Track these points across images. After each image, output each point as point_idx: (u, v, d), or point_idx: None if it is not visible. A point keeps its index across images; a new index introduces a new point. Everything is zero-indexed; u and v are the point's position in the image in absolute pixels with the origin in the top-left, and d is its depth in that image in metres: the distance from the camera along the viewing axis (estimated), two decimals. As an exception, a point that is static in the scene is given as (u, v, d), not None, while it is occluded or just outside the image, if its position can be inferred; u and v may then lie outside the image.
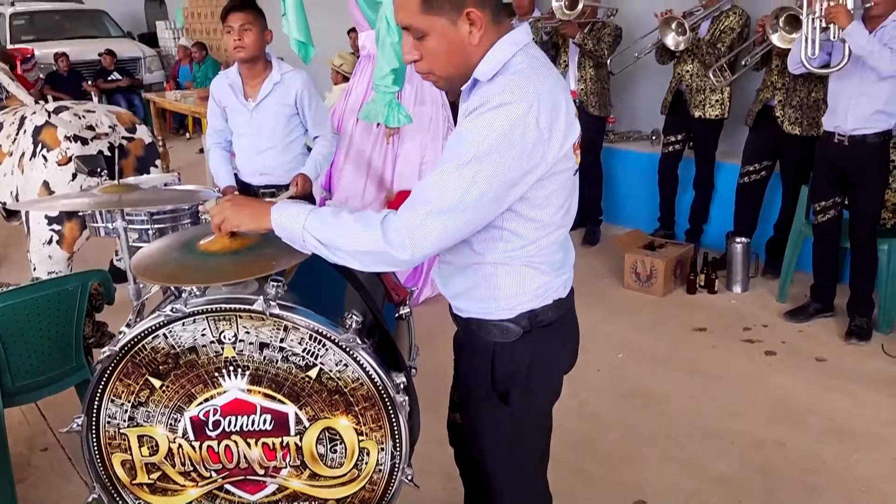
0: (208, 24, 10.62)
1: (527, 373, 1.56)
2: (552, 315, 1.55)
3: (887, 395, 3.14)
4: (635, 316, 4.01)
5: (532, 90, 1.33)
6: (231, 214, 1.52)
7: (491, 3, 1.38)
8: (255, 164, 3.19)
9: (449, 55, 1.40)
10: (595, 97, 4.84)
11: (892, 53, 3.18)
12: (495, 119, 1.31)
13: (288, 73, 3.12)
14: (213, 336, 1.62)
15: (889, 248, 3.64)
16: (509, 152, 1.31)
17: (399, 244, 1.34)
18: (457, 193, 1.32)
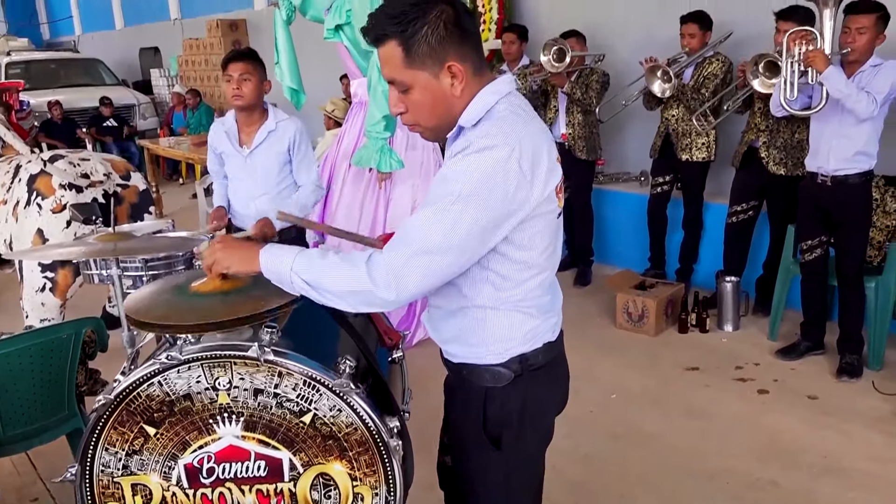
0: (202, 72, 10.78)
1: (518, 417, 1.57)
2: (542, 359, 1.57)
3: (879, 432, 3.15)
4: (628, 356, 4.03)
5: (514, 135, 1.38)
6: (221, 256, 1.56)
7: (471, 56, 1.44)
8: (248, 209, 3.24)
9: (433, 107, 1.45)
10: (583, 142, 4.93)
11: (868, 97, 3.27)
12: (478, 162, 1.35)
13: (283, 121, 3.19)
14: (208, 383, 1.63)
15: (876, 286, 3.68)
16: (492, 194, 1.35)
17: (384, 284, 1.37)
18: (441, 234, 1.35)
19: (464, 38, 1.41)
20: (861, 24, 3.28)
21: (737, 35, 4.48)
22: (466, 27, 1.42)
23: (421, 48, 1.38)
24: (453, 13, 1.39)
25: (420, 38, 1.38)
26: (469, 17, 1.44)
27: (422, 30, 1.37)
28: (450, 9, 1.39)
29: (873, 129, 3.40)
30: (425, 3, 1.38)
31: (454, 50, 1.40)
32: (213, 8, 10.91)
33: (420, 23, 1.37)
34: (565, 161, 5.38)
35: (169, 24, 12.20)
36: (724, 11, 4.56)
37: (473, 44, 1.44)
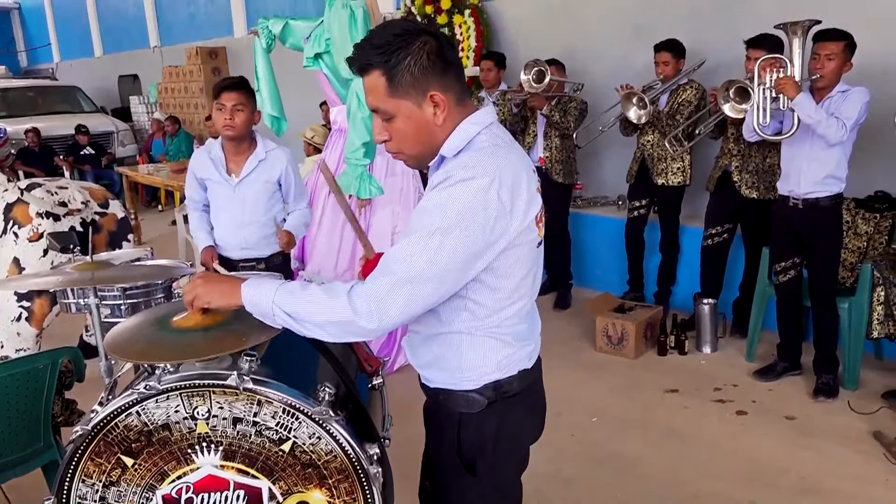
0: (181, 99, 10.79)
1: (493, 443, 1.58)
2: (517, 386, 1.58)
3: (856, 452, 3.18)
4: (608, 379, 4.05)
5: (494, 165, 1.40)
6: (202, 292, 1.56)
7: (454, 86, 1.47)
8: (236, 238, 3.23)
9: (416, 135, 1.47)
10: (560, 165, 5.00)
11: (838, 122, 3.35)
12: (459, 192, 1.37)
13: (272, 150, 3.20)
14: (187, 412, 1.62)
15: (849, 307, 3.75)
16: (473, 224, 1.37)
17: (366, 313, 1.38)
18: (422, 264, 1.37)
19: (446, 68, 1.44)
20: (830, 50, 3.37)
21: (710, 63, 4.58)
22: (449, 58, 1.45)
23: (404, 78, 1.41)
24: (436, 45, 1.43)
25: (403, 68, 1.41)
26: (451, 48, 1.47)
27: (405, 60, 1.41)
28: (433, 40, 1.43)
29: (842, 154, 3.48)
30: (409, 34, 1.42)
31: (437, 80, 1.43)
32: (192, 36, 10.96)
33: (403, 53, 1.40)
34: (543, 184, 5.46)
35: (148, 52, 12.22)
36: (697, 40, 4.66)
37: (455, 74, 1.47)
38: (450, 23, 6.39)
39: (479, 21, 6.15)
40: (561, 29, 5.73)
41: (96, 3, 13.76)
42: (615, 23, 5.41)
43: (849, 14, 3.84)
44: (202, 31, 10.79)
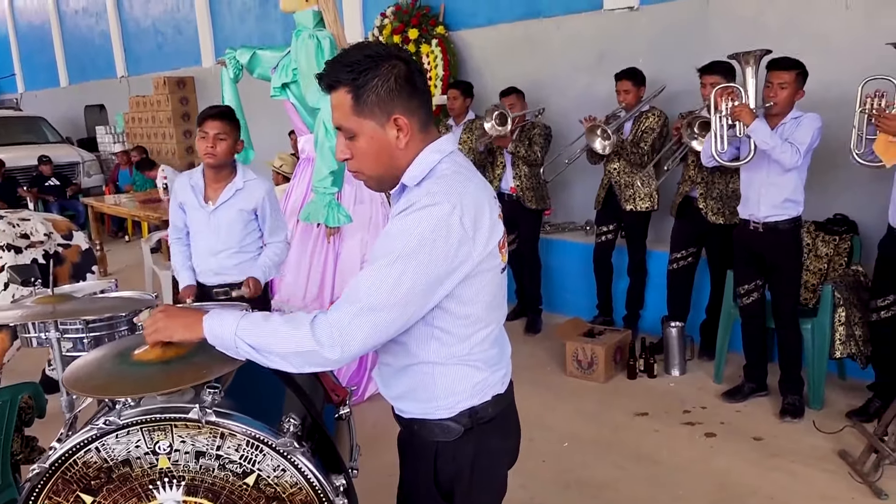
0: (149, 129, 10.71)
1: (470, 471, 1.57)
2: (492, 411, 1.58)
3: (822, 471, 3.22)
4: (578, 403, 4.06)
5: (456, 192, 1.42)
6: (163, 325, 1.54)
7: (419, 112, 1.48)
8: (209, 264, 3.23)
9: (377, 156, 1.48)
10: (531, 192, 5.06)
11: (792, 148, 3.45)
12: (421, 219, 1.38)
13: (251, 180, 3.20)
14: (148, 447, 1.60)
15: (812, 327, 3.81)
16: (435, 250, 1.38)
17: (329, 343, 1.38)
18: (384, 291, 1.37)
19: (413, 93, 1.46)
20: (782, 79, 3.47)
21: (670, 90, 4.69)
22: (417, 84, 1.47)
23: (370, 98, 1.43)
24: (405, 69, 1.45)
25: (370, 88, 1.42)
26: (421, 75, 1.49)
27: (372, 80, 1.42)
28: (402, 64, 1.45)
29: (799, 178, 3.57)
30: (379, 56, 1.44)
31: (402, 104, 1.44)
32: (160, 65, 10.93)
33: (372, 74, 1.42)
34: (515, 211, 5.51)
35: (115, 82, 12.14)
36: (658, 69, 4.77)
37: (422, 101, 1.49)
38: (417, 52, 6.46)
39: (447, 51, 6.23)
40: (526, 58, 5.83)
41: (62, 34, 13.66)
42: (578, 53, 5.52)
43: (800, 44, 3.97)
44: (170, 61, 10.77)
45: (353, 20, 7.34)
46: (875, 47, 3.66)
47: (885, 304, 3.52)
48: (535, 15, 5.81)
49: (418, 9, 6.46)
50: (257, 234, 3.29)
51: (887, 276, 3.50)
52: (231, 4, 9.49)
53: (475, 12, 6.25)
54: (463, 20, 6.34)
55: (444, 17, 6.41)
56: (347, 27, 7.08)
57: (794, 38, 4.16)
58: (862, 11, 4.13)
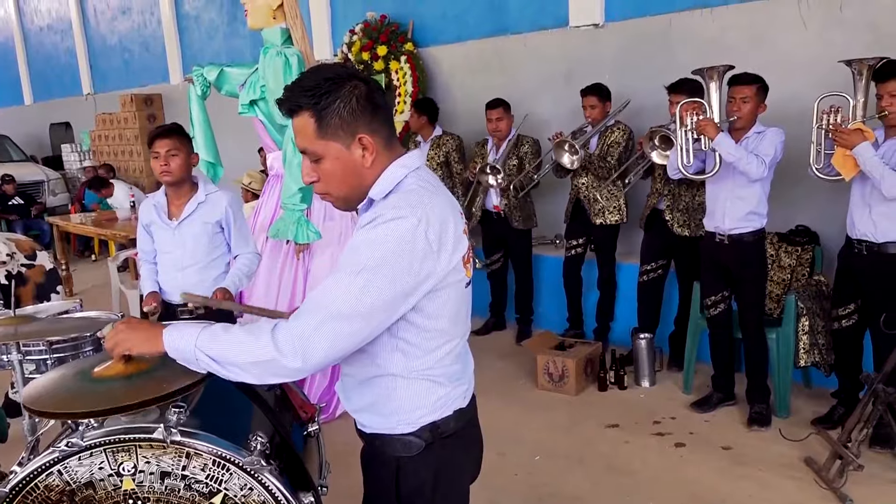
0: (115, 146, 10.59)
1: (432, 486, 1.57)
2: (454, 426, 1.58)
3: (789, 479, 3.27)
4: (550, 416, 4.08)
5: (421, 206, 1.43)
6: (123, 338, 1.53)
7: (382, 129, 1.49)
8: (176, 281, 3.20)
9: (343, 177, 1.49)
10: (518, 212, 5.09)
11: (758, 159, 3.52)
12: (387, 232, 1.39)
13: (213, 193, 3.22)
14: (112, 468, 1.58)
15: (777, 337, 3.88)
16: (400, 263, 1.38)
17: (290, 352, 1.37)
18: (348, 301, 1.37)
19: (375, 112, 1.47)
20: (744, 93, 3.56)
21: (635, 105, 4.77)
22: (378, 102, 1.48)
23: (333, 120, 1.44)
24: (366, 89, 1.47)
25: (332, 110, 1.43)
26: (381, 93, 1.51)
27: (334, 103, 1.43)
28: (363, 84, 1.47)
29: (762, 191, 3.65)
30: (339, 78, 1.45)
31: (365, 123, 1.46)
32: (127, 83, 10.83)
33: (333, 96, 1.43)
34: (503, 230, 5.56)
35: (81, 99, 12.00)
36: (624, 85, 4.85)
37: (384, 118, 1.51)
38: (386, 69, 6.49)
39: (415, 67, 6.27)
40: (494, 75, 5.89)
41: (26, 51, 13.48)
42: (546, 70, 5.59)
43: (761, 61, 4.06)
44: (137, 78, 10.68)
45: (321, 37, 7.37)
46: (831, 64, 3.77)
47: (846, 312, 3.60)
48: (502, 32, 5.88)
49: (387, 25, 6.50)
50: (224, 249, 3.27)
51: (847, 286, 3.58)
52: (199, 21, 9.46)
53: (444, 29, 6.31)
54: (431, 37, 6.40)
55: (412, 33, 6.45)
56: (316, 44, 7.12)
57: (756, 56, 4.26)
58: (818, 30, 4.26)
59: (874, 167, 3.22)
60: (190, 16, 9.59)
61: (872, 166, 3.22)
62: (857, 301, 3.56)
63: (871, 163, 3.23)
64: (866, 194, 3.38)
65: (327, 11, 7.38)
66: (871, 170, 3.23)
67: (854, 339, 3.63)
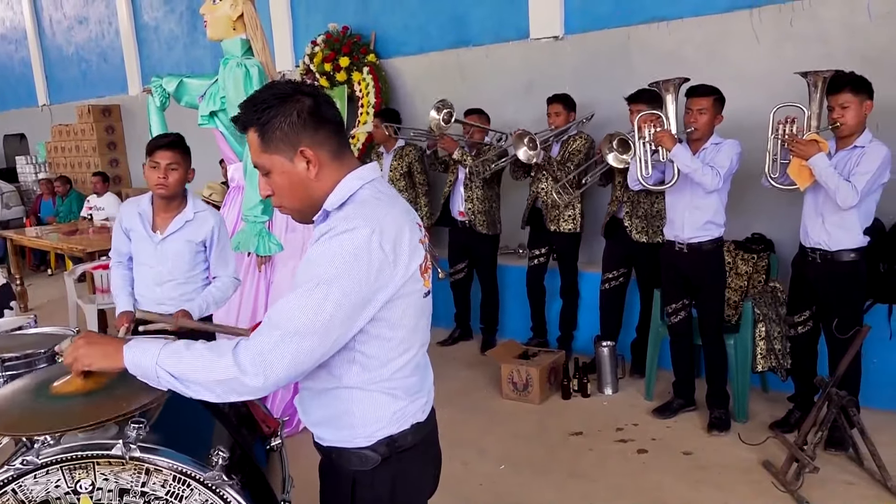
0: (72, 158, 10.39)
1: (389, 500, 1.57)
2: (412, 439, 1.58)
3: (748, 482, 3.33)
4: (514, 425, 4.09)
5: (375, 217, 1.44)
6: (83, 353, 1.50)
7: (327, 142, 1.51)
8: (153, 294, 3.13)
9: (291, 189, 1.52)
10: (483, 216, 5.12)
11: (713, 171, 3.60)
12: (341, 244, 1.40)
13: (202, 212, 3.13)
14: (69, 486, 1.55)
15: (735, 343, 3.96)
16: (356, 275, 1.39)
17: (252, 370, 1.36)
18: (307, 317, 1.37)
19: (319, 125, 1.49)
20: (701, 105, 3.64)
21: (598, 117, 4.85)
22: (324, 116, 1.50)
23: (275, 134, 1.47)
24: (311, 103, 1.49)
25: (274, 125, 1.47)
26: (329, 107, 1.52)
27: (276, 118, 1.47)
28: (307, 99, 1.49)
29: (720, 201, 3.73)
30: (285, 94, 1.48)
31: (307, 136, 1.48)
32: (84, 93, 10.64)
33: (275, 111, 1.47)
34: (468, 237, 5.58)
35: (37, 110, 11.75)
36: (585, 96, 4.93)
37: (330, 131, 1.52)
38: (349, 80, 6.49)
39: (378, 78, 6.28)
40: (457, 85, 5.93)
41: (-21, 62, 13.18)
42: (508, 80, 5.65)
43: (716, 74, 4.17)
44: (95, 89, 10.50)
45: (283, 48, 7.34)
46: (783, 77, 3.89)
47: (801, 319, 3.69)
48: (464, 43, 5.93)
49: (349, 37, 6.51)
50: (204, 266, 3.20)
51: (802, 293, 3.68)
52: (158, 32, 9.34)
53: (406, 41, 6.34)
54: (394, 48, 6.42)
55: (374, 45, 6.47)
56: (278, 55, 7.09)
57: (711, 68, 4.37)
58: (771, 44, 4.38)
59: (829, 177, 3.30)
60: (149, 26, 9.47)
61: (827, 176, 3.31)
62: (812, 308, 3.65)
63: (826, 173, 3.31)
64: (819, 204, 3.47)
65: (289, 22, 7.35)
66: (826, 180, 3.32)
67: (809, 345, 3.72)
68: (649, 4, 4.88)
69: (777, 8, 4.33)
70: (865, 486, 3.22)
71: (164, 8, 9.16)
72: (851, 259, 3.44)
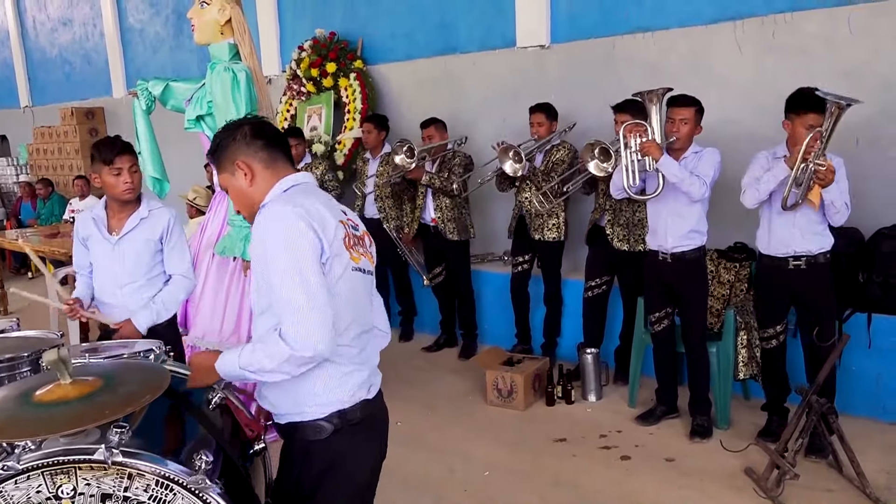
0: (54, 160, 10.29)
1: (339, 466, 1.78)
2: (360, 415, 1.81)
3: (730, 488, 3.36)
4: (499, 431, 4.10)
5: (293, 201, 1.73)
6: (202, 377, 1.82)
7: (261, 153, 1.82)
8: (114, 298, 3.10)
9: (239, 199, 1.87)
10: (453, 223, 5.13)
11: (699, 180, 3.64)
12: (278, 228, 1.69)
13: (157, 209, 3.13)
14: (50, 492, 1.53)
15: (717, 351, 4.00)
16: (302, 244, 1.67)
17: (300, 346, 1.64)
18: (301, 291, 1.64)
19: (254, 141, 1.82)
20: (683, 115, 3.68)
21: (581, 126, 4.88)
22: (262, 134, 1.83)
23: (221, 156, 1.84)
24: (250, 129, 1.83)
25: (220, 149, 1.84)
26: (264, 129, 1.85)
27: (221, 143, 1.84)
28: (248, 127, 1.84)
29: (702, 209, 3.77)
30: (231, 126, 1.86)
31: (243, 151, 1.82)
32: (67, 95, 10.55)
33: (220, 138, 1.85)
34: (440, 242, 5.60)
35: (18, 112, 11.63)
36: (568, 106, 4.97)
37: (265, 144, 1.83)
38: (336, 86, 6.49)
39: (365, 84, 6.28)
40: (443, 93, 5.95)
41: (-40, 62, 13.04)
42: (494, 89, 5.68)
43: (700, 84, 4.22)
44: (78, 91, 10.41)
45: (270, 53, 7.33)
46: (765, 88, 3.94)
47: (767, 336, 3.73)
48: (451, 51, 5.95)
49: (336, 43, 6.51)
50: (163, 268, 3.20)
51: (769, 306, 3.72)
52: (144, 35, 9.29)
53: (393, 47, 6.36)
54: (381, 55, 6.43)
55: (361, 51, 6.48)
56: (265, 60, 7.07)
57: (695, 79, 4.42)
58: (753, 56, 4.44)
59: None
60: (134, 29, 9.41)
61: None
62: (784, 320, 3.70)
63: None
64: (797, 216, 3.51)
65: (276, 27, 7.35)
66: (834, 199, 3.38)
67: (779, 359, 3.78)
68: (635, 15, 4.93)
69: (760, 20, 4.39)
70: (845, 492, 3.26)
71: (150, 10, 9.11)
72: (827, 260, 3.55)
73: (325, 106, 6.62)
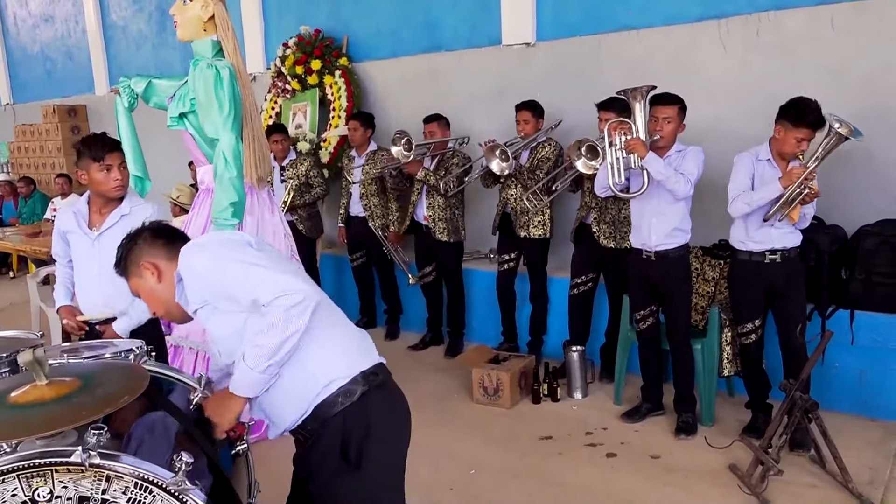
0: (36, 159, 10.18)
1: (380, 423, 1.80)
2: (381, 377, 1.86)
3: (715, 485, 3.37)
4: (485, 430, 4.10)
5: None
6: (217, 421, 1.79)
7: (163, 251, 1.90)
8: (94, 295, 3.09)
9: (153, 300, 1.92)
10: (444, 224, 5.12)
11: (684, 178, 3.65)
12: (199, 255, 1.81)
13: (138, 205, 3.14)
14: (26, 495, 1.51)
15: (702, 348, 4.01)
16: (226, 240, 1.85)
17: (284, 293, 1.67)
18: (250, 265, 1.72)
19: (154, 240, 1.91)
20: (666, 113, 3.68)
21: (566, 124, 4.88)
22: (161, 235, 1.93)
23: (127, 262, 1.93)
24: (150, 233, 1.94)
25: (125, 258, 1.93)
26: (167, 227, 1.99)
27: (125, 253, 1.94)
28: (148, 232, 1.95)
29: (685, 207, 3.78)
30: (134, 233, 1.97)
31: (145, 253, 1.90)
32: (49, 93, 10.44)
33: (125, 249, 1.94)
34: (430, 242, 5.62)
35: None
36: (554, 104, 4.96)
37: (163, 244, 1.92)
38: (321, 83, 6.46)
39: (350, 82, 6.25)
40: (429, 91, 5.93)
41: (-60, 58, 12.86)
42: (479, 86, 5.67)
43: (684, 82, 4.23)
44: (60, 89, 10.30)
45: (254, 50, 7.28)
46: (749, 86, 3.95)
47: (745, 331, 3.75)
48: (437, 49, 5.94)
49: (321, 40, 6.47)
50: None
51: (746, 302, 3.74)
52: (126, 31, 9.21)
53: (378, 45, 6.33)
54: (366, 52, 6.41)
55: (347, 48, 6.45)
56: (249, 57, 7.03)
57: (679, 77, 4.43)
58: (738, 54, 4.46)
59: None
60: (117, 25, 9.32)
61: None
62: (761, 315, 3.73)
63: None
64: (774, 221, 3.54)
65: (260, 24, 7.30)
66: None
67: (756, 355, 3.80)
68: (620, 13, 4.93)
69: (744, 19, 4.41)
70: (828, 488, 3.28)
71: (133, 7, 9.03)
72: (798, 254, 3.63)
73: (311, 103, 6.59)
